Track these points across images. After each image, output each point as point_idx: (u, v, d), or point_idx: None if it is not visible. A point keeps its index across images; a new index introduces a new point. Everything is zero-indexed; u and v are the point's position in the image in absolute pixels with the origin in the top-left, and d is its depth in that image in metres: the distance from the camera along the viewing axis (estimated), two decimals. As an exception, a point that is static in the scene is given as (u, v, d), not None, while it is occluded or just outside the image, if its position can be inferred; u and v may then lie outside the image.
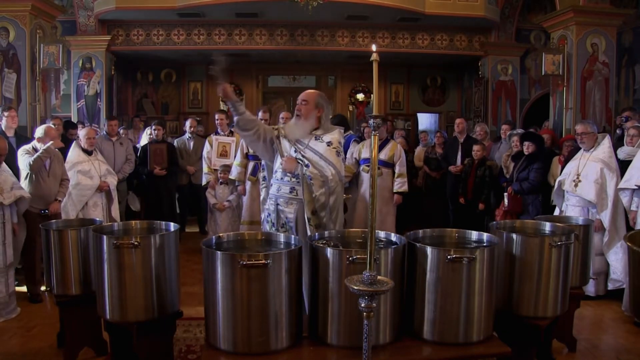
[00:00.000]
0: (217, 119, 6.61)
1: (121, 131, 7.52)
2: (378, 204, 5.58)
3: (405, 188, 5.94)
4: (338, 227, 3.40)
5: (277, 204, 3.47)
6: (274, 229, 3.47)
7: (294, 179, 3.39)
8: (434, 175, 7.36)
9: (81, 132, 5.74)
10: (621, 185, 4.50)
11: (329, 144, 3.45)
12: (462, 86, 11.98)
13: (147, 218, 6.33)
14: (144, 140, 7.80)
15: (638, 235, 2.60)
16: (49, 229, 3.34)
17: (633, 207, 4.45)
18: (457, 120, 7.15)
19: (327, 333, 2.35)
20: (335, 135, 3.53)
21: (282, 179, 3.46)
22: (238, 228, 6.04)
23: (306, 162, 3.38)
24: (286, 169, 3.38)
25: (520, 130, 6.79)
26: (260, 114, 6.14)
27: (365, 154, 5.87)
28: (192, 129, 7.40)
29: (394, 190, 5.90)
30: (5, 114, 5.39)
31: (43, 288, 4.70)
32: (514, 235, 2.80)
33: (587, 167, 4.66)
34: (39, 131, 4.79)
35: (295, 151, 3.45)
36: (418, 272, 2.41)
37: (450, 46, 10.20)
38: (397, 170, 5.92)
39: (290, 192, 3.42)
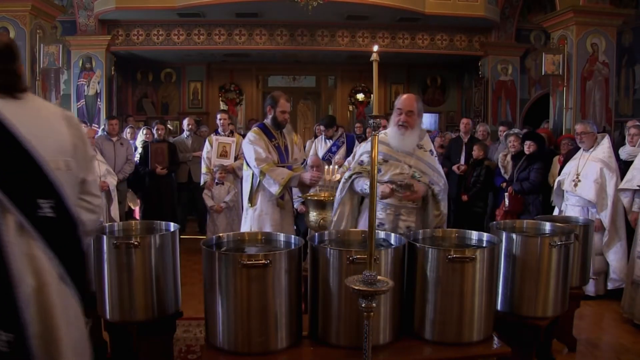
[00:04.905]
0: (220, 119, 6.54)
1: (128, 130, 7.52)
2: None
3: None
4: None
5: (398, 214, 3.25)
6: None
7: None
8: None
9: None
10: (622, 185, 4.49)
11: (431, 152, 3.32)
12: (462, 86, 11.99)
13: (147, 218, 6.34)
14: (139, 139, 7.80)
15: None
16: (49, 229, 3.33)
17: (634, 208, 4.45)
18: (464, 120, 7.15)
19: (327, 333, 2.35)
20: (427, 139, 3.37)
21: None
22: (237, 228, 6.03)
23: (419, 177, 3.20)
24: (418, 198, 3.16)
25: (516, 130, 6.81)
26: (218, 116, 6.33)
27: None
28: (190, 127, 7.41)
29: None
30: None
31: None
32: (514, 235, 2.80)
33: (587, 167, 4.66)
34: None
35: (410, 167, 3.22)
36: (418, 272, 2.41)
37: (450, 46, 10.20)
38: None
39: (414, 201, 3.23)
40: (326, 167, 3.82)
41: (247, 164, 4.10)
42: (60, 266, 1.79)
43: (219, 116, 6.64)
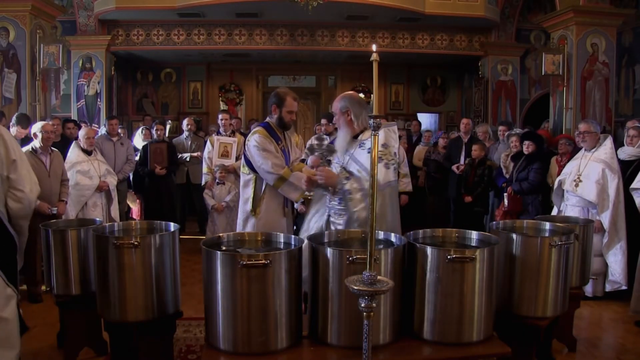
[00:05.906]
0: (221, 119, 6.53)
1: (119, 130, 7.53)
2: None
3: (410, 188, 5.98)
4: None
5: (329, 216, 3.22)
6: None
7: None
8: (438, 176, 7.38)
9: (80, 132, 5.74)
10: (634, 185, 4.48)
11: (369, 150, 3.12)
12: (462, 86, 11.98)
13: (147, 218, 6.34)
14: (137, 139, 7.80)
15: None
16: (49, 229, 3.34)
17: None
18: (464, 120, 7.16)
19: (327, 333, 2.35)
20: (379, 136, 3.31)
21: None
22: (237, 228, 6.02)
23: (346, 174, 3.14)
24: (327, 184, 3.14)
25: (518, 130, 6.81)
26: (220, 116, 6.34)
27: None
28: (189, 127, 7.42)
29: (400, 191, 5.86)
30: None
31: (43, 288, 4.70)
32: (514, 235, 2.80)
33: (589, 167, 4.65)
34: (36, 127, 4.73)
35: (342, 165, 3.22)
36: (418, 272, 2.41)
37: (450, 46, 10.20)
38: (401, 170, 5.89)
39: (340, 203, 3.17)
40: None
41: (251, 169, 3.71)
42: None
43: (220, 116, 6.63)
